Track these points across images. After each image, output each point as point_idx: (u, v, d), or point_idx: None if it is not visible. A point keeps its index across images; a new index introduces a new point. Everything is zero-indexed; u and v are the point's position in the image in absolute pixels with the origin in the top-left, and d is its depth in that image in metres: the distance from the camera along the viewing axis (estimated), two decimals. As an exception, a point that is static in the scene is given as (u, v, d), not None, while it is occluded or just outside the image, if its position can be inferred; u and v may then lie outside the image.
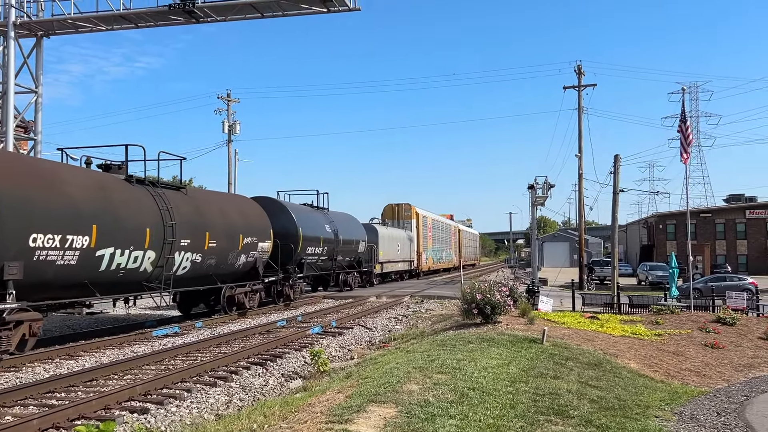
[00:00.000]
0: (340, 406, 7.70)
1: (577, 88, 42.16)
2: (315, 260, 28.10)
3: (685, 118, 21.83)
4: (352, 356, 14.77)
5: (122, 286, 16.39)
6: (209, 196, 21.49)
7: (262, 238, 22.71)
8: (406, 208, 48.65)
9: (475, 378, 9.19)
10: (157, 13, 24.51)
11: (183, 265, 18.10)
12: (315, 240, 27.44)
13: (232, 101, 43.20)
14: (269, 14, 24.35)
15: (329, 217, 30.54)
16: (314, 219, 28.47)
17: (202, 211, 19.33)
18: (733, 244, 62.51)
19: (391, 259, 42.05)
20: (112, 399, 9.58)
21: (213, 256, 19.47)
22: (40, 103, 26.22)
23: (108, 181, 16.00)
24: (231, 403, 10.24)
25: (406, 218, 48.19)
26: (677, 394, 10.20)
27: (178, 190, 19.08)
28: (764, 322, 18.10)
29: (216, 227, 19.61)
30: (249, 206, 23.36)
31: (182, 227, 17.63)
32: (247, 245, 21.48)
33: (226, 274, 20.84)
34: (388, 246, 40.92)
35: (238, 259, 21.19)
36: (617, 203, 32.30)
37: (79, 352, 14.49)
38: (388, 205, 49.19)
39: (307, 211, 28.87)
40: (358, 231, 34.74)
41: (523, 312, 16.69)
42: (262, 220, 23.28)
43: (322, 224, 28.89)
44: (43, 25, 25.55)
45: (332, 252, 29.75)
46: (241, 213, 21.95)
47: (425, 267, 51.48)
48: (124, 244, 15.39)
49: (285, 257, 24.58)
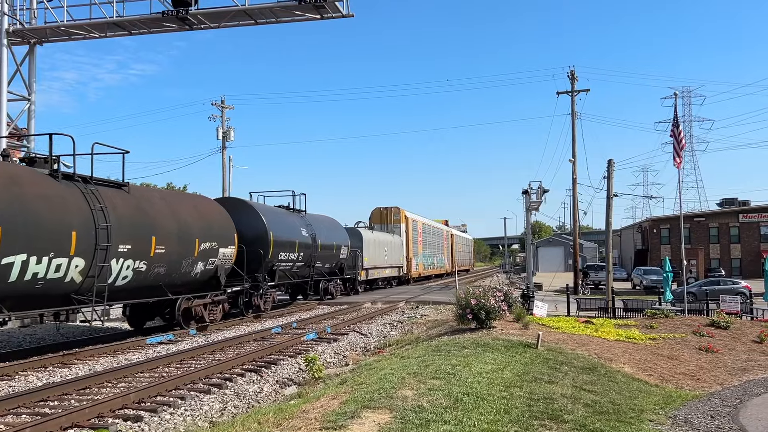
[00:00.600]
0: (335, 413, 7.68)
1: (570, 93, 42.33)
2: (289, 267, 25.95)
3: (677, 123, 21.94)
4: (347, 362, 14.73)
5: (42, 299, 14.03)
6: (159, 196, 19.09)
7: (224, 243, 20.50)
8: (394, 212, 46.65)
9: (470, 383, 9.19)
10: (151, 20, 24.50)
11: (123, 275, 15.81)
12: (289, 245, 25.32)
13: (226, 108, 43.18)
14: (263, 21, 24.38)
15: (306, 220, 28.35)
16: (288, 222, 26.36)
17: (147, 212, 16.98)
18: (727, 248, 62.72)
19: (378, 265, 39.86)
20: (106, 407, 9.54)
21: (162, 263, 17.20)
22: (33, 111, 26.15)
23: (23, 175, 13.66)
24: (225, 410, 10.20)
25: (395, 222, 46.17)
26: (672, 398, 10.21)
27: (119, 187, 16.66)
28: (758, 326, 18.15)
29: (165, 231, 17.38)
30: (209, 207, 20.96)
31: (121, 230, 15.44)
32: (205, 251, 19.28)
33: (181, 284, 18.70)
34: (374, 251, 38.74)
35: (195, 266, 18.93)
36: (611, 208, 32.34)
37: (72, 360, 14.41)
38: (376, 208, 47.11)
39: (281, 213, 26.69)
40: (339, 235, 32.42)
41: (518, 317, 16.71)
42: (225, 223, 21.05)
43: (297, 228, 26.84)
44: (35, 32, 25.51)
45: (310, 258, 27.61)
46: (199, 215, 19.65)
47: (415, 273, 49.63)
48: (41, 251, 13.11)
49: (253, 264, 22.64)
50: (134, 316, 19.72)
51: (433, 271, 57.62)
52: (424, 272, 53.11)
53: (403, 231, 46.32)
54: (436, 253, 59.56)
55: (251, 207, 23.95)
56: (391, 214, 46.51)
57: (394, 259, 43.79)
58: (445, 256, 64.71)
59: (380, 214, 46.46)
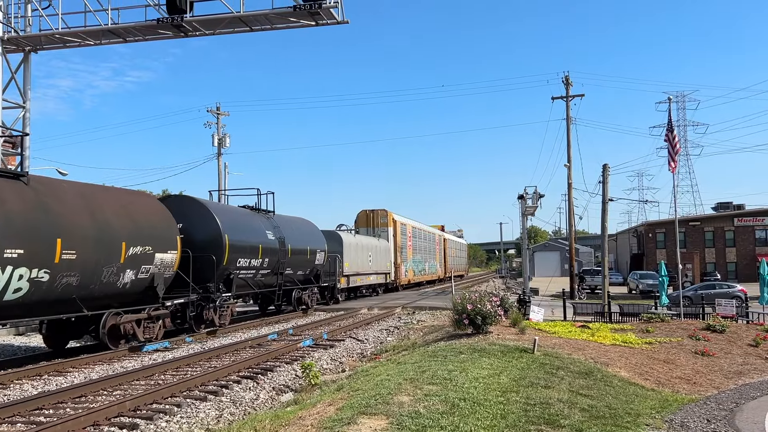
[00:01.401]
0: (331, 419, 7.67)
1: (565, 98, 42.47)
2: (251, 275, 23.00)
3: (672, 128, 22.03)
4: (343, 368, 14.72)
5: None
6: (75, 191, 15.75)
7: (163, 247, 17.58)
8: (381, 215, 43.91)
9: (466, 388, 9.18)
10: (146, 27, 24.49)
11: (15, 287, 13.02)
12: (250, 249, 22.38)
13: (221, 114, 43.17)
14: (258, 28, 24.39)
15: (273, 222, 25.42)
16: (250, 223, 23.34)
17: (51, 209, 14.19)
18: (722, 252, 62.91)
19: (361, 271, 36.91)
20: (101, 415, 9.50)
21: (73, 272, 14.43)
22: (27, 118, 26.10)
23: None
24: (221, 417, 10.17)
25: (382, 225, 43.48)
26: (668, 402, 10.22)
27: (16, 178, 14.06)
28: (753, 329, 18.20)
29: (78, 232, 14.61)
30: (143, 205, 17.95)
31: (8, 231, 12.86)
32: (135, 257, 16.39)
33: (105, 297, 15.82)
34: (355, 256, 35.88)
35: (122, 275, 16.02)
36: (607, 212, 32.47)
37: (67, 368, 14.35)
38: (362, 211, 44.42)
39: (242, 214, 23.78)
40: (314, 239, 29.33)
41: (515, 322, 16.71)
42: (163, 223, 18.12)
43: (261, 230, 23.80)
44: (30, 40, 25.49)
45: (277, 264, 24.73)
46: (128, 214, 16.69)
47: (404, 279, 46.94)
48: None
49: (205, 272, 19.93)
50: (54, 335, 16.80)
51: (425, 277, 55.33)
52: (414, 278, 50.67)
53: (390, 235, 43.85)
54: (428, 259, 57.30)
55: (203, 206, 20.94)
56: (378, 217, 43.92)
57: (380, 265, 41.03)
58: (438, 261, 62.61)
59: (366, 217, 44.05)
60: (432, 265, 59.06)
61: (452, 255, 72.79)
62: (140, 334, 17.10)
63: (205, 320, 20.31)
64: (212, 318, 20.60)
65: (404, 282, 46.98)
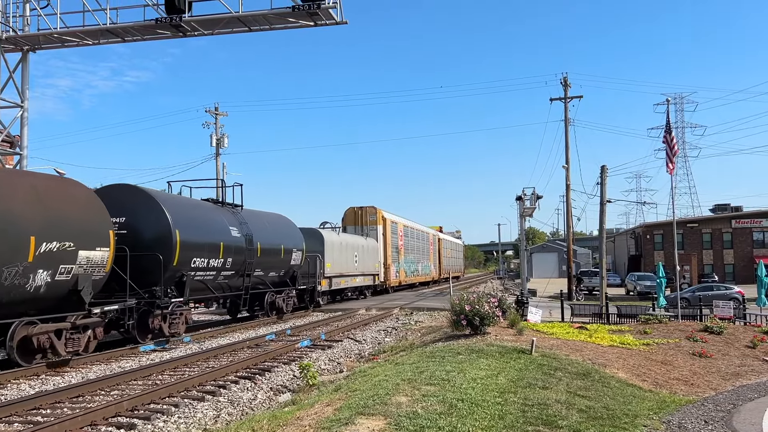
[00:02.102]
0: (329, 419, 7.66)
1: (563, 99, 42.51)
2: (211, 276, 20.28)
3: (670, 130, 22.07)
4: (341, 369, 14.71)
5: None
6: None
7: (88, 243, 14.86)
8: (370, 212, 41.41)
9: (464, 389, 9.18)
10: (144, 27, 24.48)
11: None
12: (209, 247, 19.73)
13: (220, 114, 43.17)
14: (256, 28, 24.40)
15: (240, 217, 22.62)
16: (209, 218, 20.55)
17: None
18: (720, 254, 62.99)
19: (346, 273, 34.23)
20: (99, 415, 9.49)
21: None
22: (26, 118, 26.08)
23: None
24: (219, 417, 10.17)
25: (371, 224, 40.99)
26: (665, 403, 10.23)
27: None
28: (751, 331, 18.22)
29: None
30: (63, 193, 15.06)
31: None
32: (50, 255, 13.70)
33: (8, 304, 13.12)
34: (339, 256, 33.02)
35: (33, 277, 13.40)
36: (605, 214, 32.52)
37: (65, 368, 14.33)
38: (350, 208, 41.92)
39: (198, 207, 20.91)
40: (290, 237, 26.61)
41: (512, 323, 16.73)
42: (91, 215, 15.39)
43: (224, 226, 21.05)
44: (28, 39, 25.46)
45: (243, 264, 22.02)
46: (40, 202, 13.96)
47: (395, 281, 44.35)
48: None
49: (151, 274, 17.29)
50: None
51: (417, 278, 52.75)
52: (406, 280, 47.87)
53: (380, 233, 41.24)
54: (421, 259, 54.62)
55: (150, 198, 18.21)
56: (367, 215, 41.39)
57: (368, 266, 38.29)
58: (432, 262, 60.17)
59: (354, 214, 41.54)
60: (426, 266, 56.81)
61: (447, 255, 70.68)
62: (61, 348, 14.15)
63: (152, 329, 17.59)
64: (160, 326, 17.72)
65: (395, 284, 44.51)
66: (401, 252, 46.34)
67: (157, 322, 17.73)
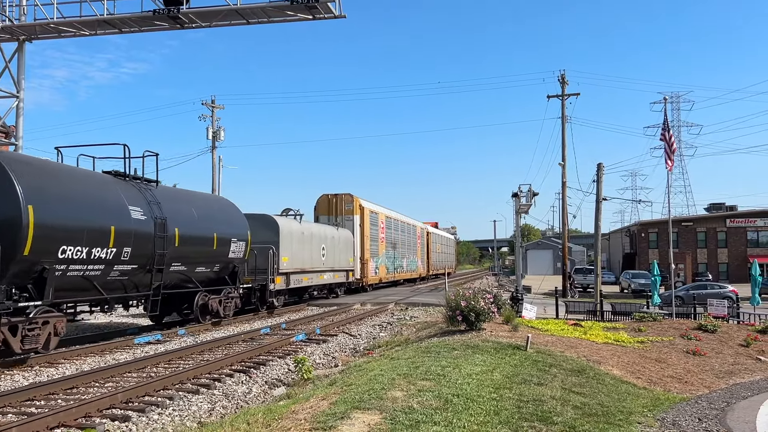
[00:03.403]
0: (324, 413, 7.66)
1: (560, 97, 42.55)
2: (97, 272, 15.25)
3: (668, 127, 22.11)
4: (336, 363, 14.71)
5: None
6: None
7: None
8: (346, 200, 37.27)
9: (460, 384, 9.19)
10: (142, 19, 24.39)
11: None
12: (91, 233, 14.72)
13: (216, 107, 43.06)
14: (254, 21, 24.33)
15: (150, 196, 17.58)
16: (93, 194, 15.44)
17: None
18: (714, 253, 63.25)
19: (309, 268, 28.75)
20: (93, 407, 9.46)
21: None
22: (21, 108, 25.97)
23: None
24: (214, 410, 10.16)
25: (346, 213, 37.07)
26: (659, 401, 10.26)
27: None
28: (745, 330, 18.30)
29: None
30: None
31: None
32: None
33: None
34: (300, 248, 27.74)
35: None
36: (600, 211, 32.53)
37: (59, 359, 14.29)
38: (323, 195, 37.62)
39: (80, 178, 15.68)
40: (228, 223, 21.44)
41: (507, 319, 16.76)
42: None
43: (119, 205, 16.05)
44: (25, 29, 25.33)
45: (152, 257, 16.98)
46: None
47: (374, 278, 39.68)
48: None
49: None
50: None
51: (402, 275, 48.12)
52: (387, 277, 43.40)
53: (356, 224, 37.04)
54: (406, 254, 50.23)
55: None
56: (342, 203, 37.18)
57: (339, 260, 33.28)
58: (419, 257, 55.95)
59: (328, 202, 37.44)
60: (412, 262, 52.43)
61: (437, 251, 66.72)
62: None
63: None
64: (5, 338, 12.64)
65: (373, 281, 39.95)
66: (382, 245, 42.22)
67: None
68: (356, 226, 36.93)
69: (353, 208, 37.17)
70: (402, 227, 49.17)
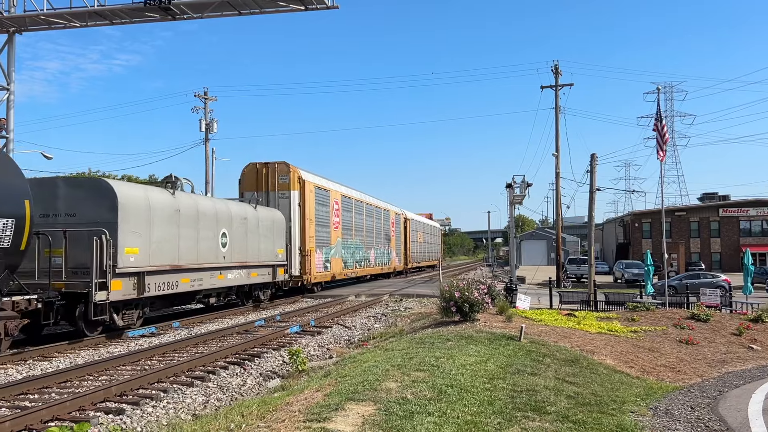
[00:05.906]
0: (319, 405, 7.67)
1: (554, 87, 42.50)
2: None
3: (660, 117, 22.12)
4: (330, 355, 14.73)
5: None
6: None
7: None
8: (280, 171, 27.89)
9: (454, 375, 9.22)
10: (133, 10, 24.21)
11: None
12: None
13: (209, 99, 42.84)
14: (246, 11, 24.19)
15: None
16: None
17: None
18: (707, 242, 63.52)
19: (191, 264, 19.08)
20: (87, 400, 9.45)
21: None
22: (12, 101, 25.78)
23: None
24: (208, 403, 10.16)
25: (281, 188, 27.79)
26: (652, 390, 10.32)
27: None
28: (737, 319, 18.40)
29: None
30: None
31: None
32: None
33: None
34: (170, 232, 18.06)
35: None
36: (594, 202, 32.59)
37: (53, 353, 14.25)
38: (250, 164, 28.33)
39: None
40: None
41: (501, 310, 16.80)
42: None
43: None
44: (14, 20, 25.11)
45: None
46: None
47: (321, 275, 30.27)
48: None
49: None
50: None
51: (368, 270, 39.43)
52: (345, 272, 34.48)
53: (294, 203, 27.87)
54: (376, 244, 41.15)
55: None
56: (275, 176, 27.94)
57: (259, 252, 23.82)
58: (393, 248, 46.41)
59: (257, 174, 28.10)
60: (383, 254, 43.10)
61: (418, 240, 57.51)
62: None
63: None
64: None
65: (323, 278, 30.79)
66: (336, 232, 33.01)
67: None
68: (294, 205, 27.87)
69: (290, 182, 27.84)
70: (368, 210, 39.92)
